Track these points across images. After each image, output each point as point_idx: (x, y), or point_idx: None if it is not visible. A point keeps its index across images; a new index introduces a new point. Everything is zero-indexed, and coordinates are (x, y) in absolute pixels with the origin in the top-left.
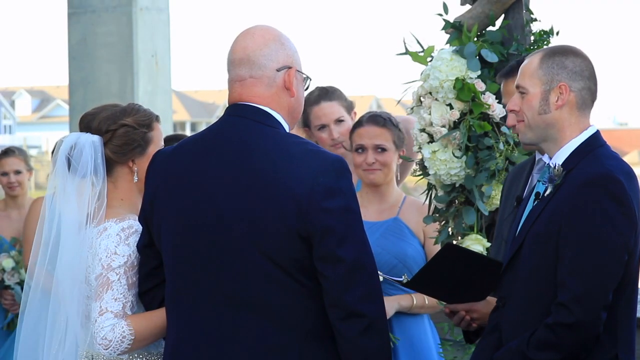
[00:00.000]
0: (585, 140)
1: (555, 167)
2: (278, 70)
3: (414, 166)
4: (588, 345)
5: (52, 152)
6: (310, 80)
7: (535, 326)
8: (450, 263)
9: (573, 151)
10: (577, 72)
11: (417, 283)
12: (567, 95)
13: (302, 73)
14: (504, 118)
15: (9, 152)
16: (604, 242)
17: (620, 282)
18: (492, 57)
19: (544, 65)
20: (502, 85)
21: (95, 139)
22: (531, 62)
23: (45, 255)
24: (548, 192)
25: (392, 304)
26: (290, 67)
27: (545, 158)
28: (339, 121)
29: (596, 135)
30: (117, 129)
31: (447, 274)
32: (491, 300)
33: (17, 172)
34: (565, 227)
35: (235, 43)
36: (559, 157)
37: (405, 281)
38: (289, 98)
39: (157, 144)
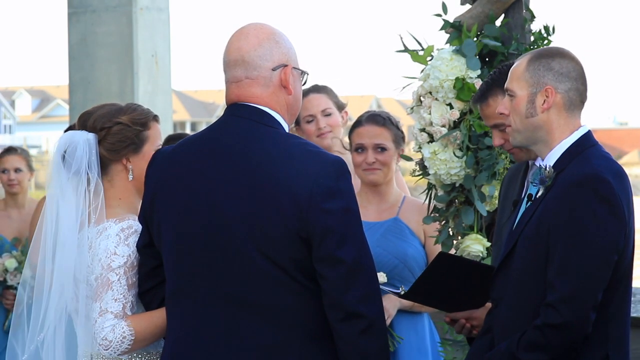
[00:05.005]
0: (576, 141)
1: (546, 168)
2: (274, 70)
3: (414, 166)
4: (576, 345)
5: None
6: (308, 74)
7: (526, 327)
8: (444, 272)
9: (564, 152)
10: (563, 73)
11: (415, 294)
12: (553, 97)
13: (299, 69)
14: None
15: (11, 150)
16: (591, 242)
17: (611, 282)
18: (493, 44)
19: (531, 67)
20: (479, 110)
21: (90, 136)
22: (519, 65)
23: (44, 255)
24: (540, 193)
25: (394, 302)
26: (286, 65)
27: (538, 161)
28: (327, 114)
29: (587, 136)
30: (111, 127)
31: (443, 283)
32: (490, 307)
33: (18, 170)
34: (553, 228)
35: (229, 44)
36: (550, 159)
37: (402, 292)
38: (286, 96)
39: (154, 143)
